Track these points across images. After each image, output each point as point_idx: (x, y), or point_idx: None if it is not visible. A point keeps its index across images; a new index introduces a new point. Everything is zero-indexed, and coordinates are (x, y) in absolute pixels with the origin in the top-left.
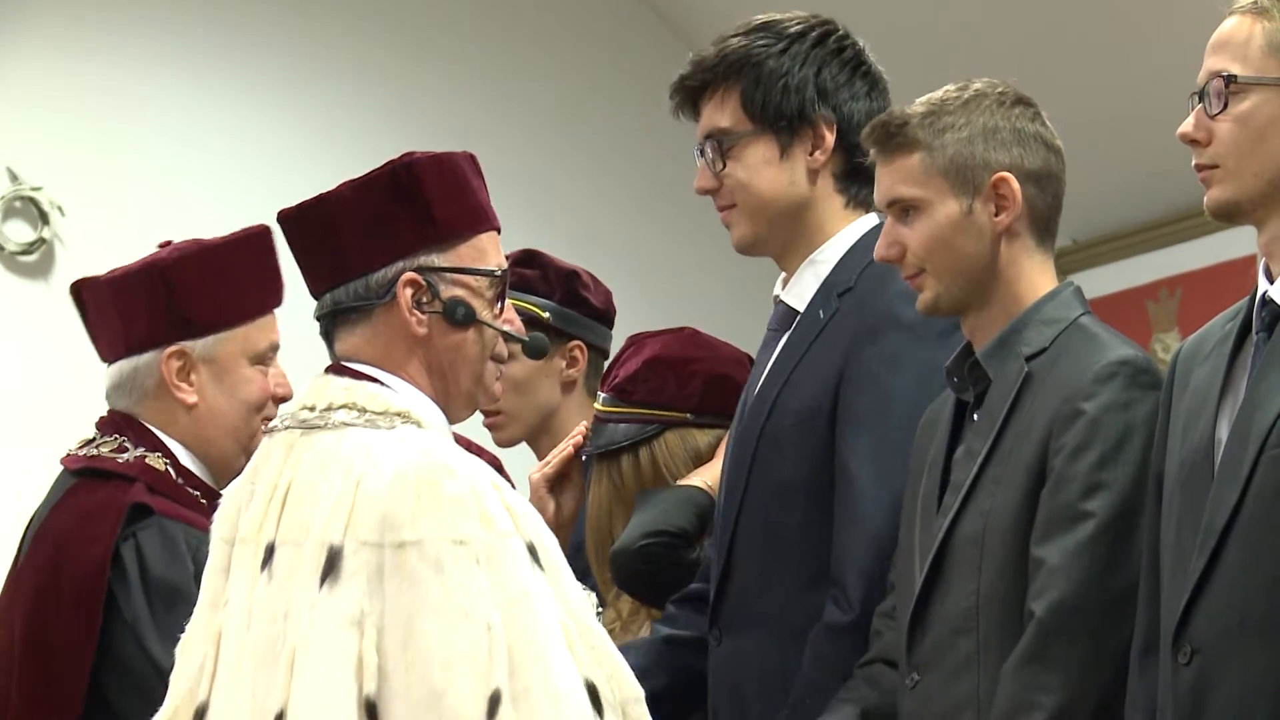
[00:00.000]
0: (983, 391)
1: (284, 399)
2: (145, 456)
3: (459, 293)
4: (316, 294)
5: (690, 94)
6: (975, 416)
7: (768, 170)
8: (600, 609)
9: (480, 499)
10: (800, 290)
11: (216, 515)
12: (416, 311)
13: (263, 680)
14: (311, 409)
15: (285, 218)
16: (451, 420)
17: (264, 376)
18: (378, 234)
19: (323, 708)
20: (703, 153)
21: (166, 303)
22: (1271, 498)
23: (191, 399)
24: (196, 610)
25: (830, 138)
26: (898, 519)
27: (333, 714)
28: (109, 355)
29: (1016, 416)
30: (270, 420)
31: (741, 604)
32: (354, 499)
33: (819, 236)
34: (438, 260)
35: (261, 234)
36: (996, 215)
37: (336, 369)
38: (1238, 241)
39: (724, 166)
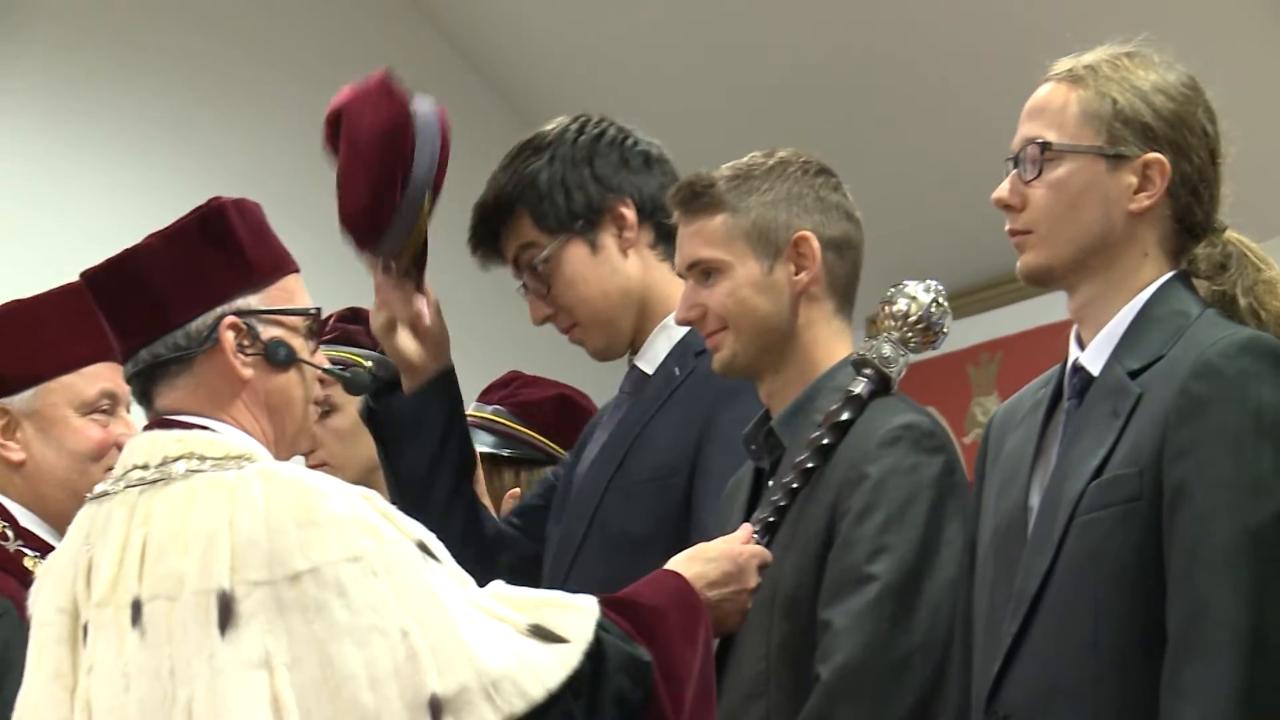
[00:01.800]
0: (778, 459)
1: None
2: None
3: (278, 333)
4: (129, 351)
5: (490, 242)
6: (770, 484)
7: (588, 271)
8: None
9: (359, 513)
10: (653, 355)
11: (39, 591)
12: (240, 355)
13: None
14: (144, 467)
15: (92, 276)
16: None
17: (100, 426)
18: (193, 281)
19: None
20: (526, 287)
21: None
22: (1082, 564)
23: (18, 456)
24: (30, 685)
25: (631, 214)
26: None
27: None
28: None
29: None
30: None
31: None
32: (231, 541)
33: (662, 308)
34: (254, 303)
35: (83, 286)
36: (796, 274)
37: (161, 424)
38: (1057, 306)
39: (550, 288)
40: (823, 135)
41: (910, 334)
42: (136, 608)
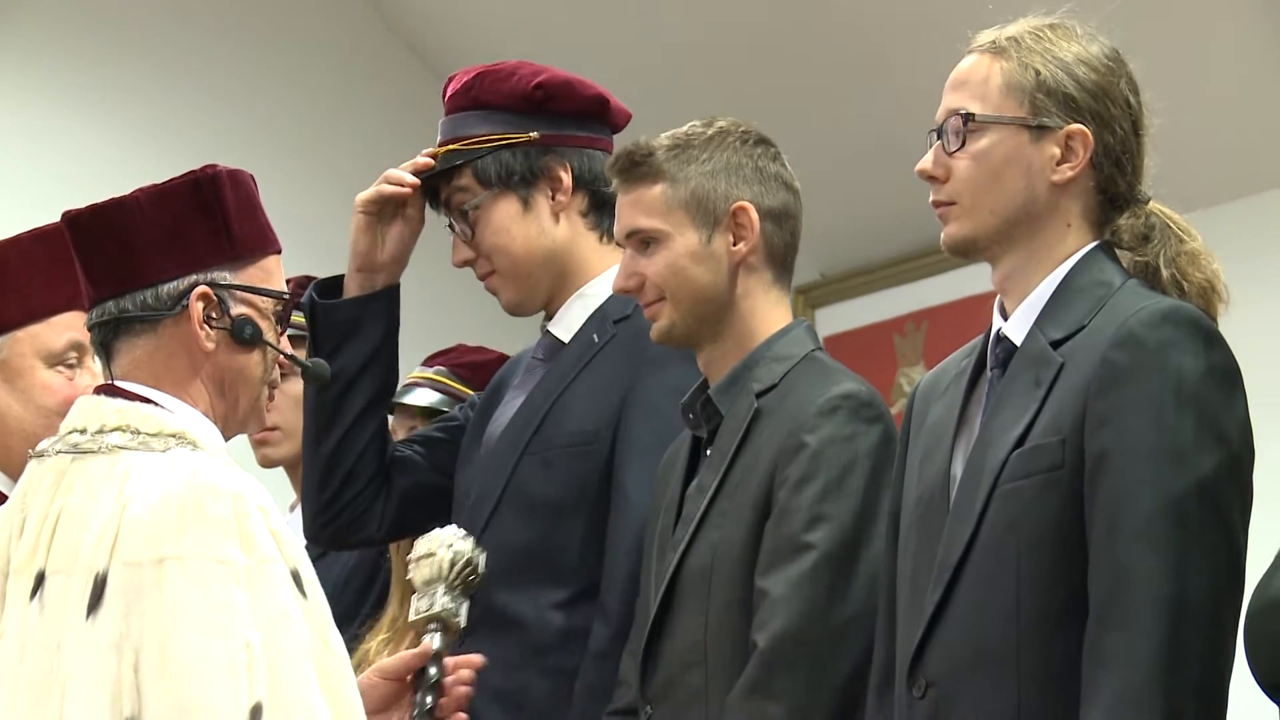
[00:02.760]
0: (715, 428)
1: None
2: None
3: (247, 311)
4: (96, 300)
5: (433, 189)
6: (708, 452)
7: (515, 226)
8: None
9: (243, 521)
10: (568, 322)
11: None
12: (206, 326)
13: (37, 716)
14: (83, 432)
15: (74, 219)
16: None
17: (66, 380)
18: (173, 244)
19: None
20: (452, 228)
21: None
22: (1003, 533)
23: None
24: None
25: (567, 179)
26: None
27: None
28: None
29: (745, 451)
30: None
31: (487, 612)
32: (119, 523)
33: (582, 275)
34: (229, 277)
35: (52, 232)
36: (734, 245)
37: (109, 390)
38: (982, 276)
39: (474, 234)
40: (751, 103)
41: (458, 581)
42: (40, 579)
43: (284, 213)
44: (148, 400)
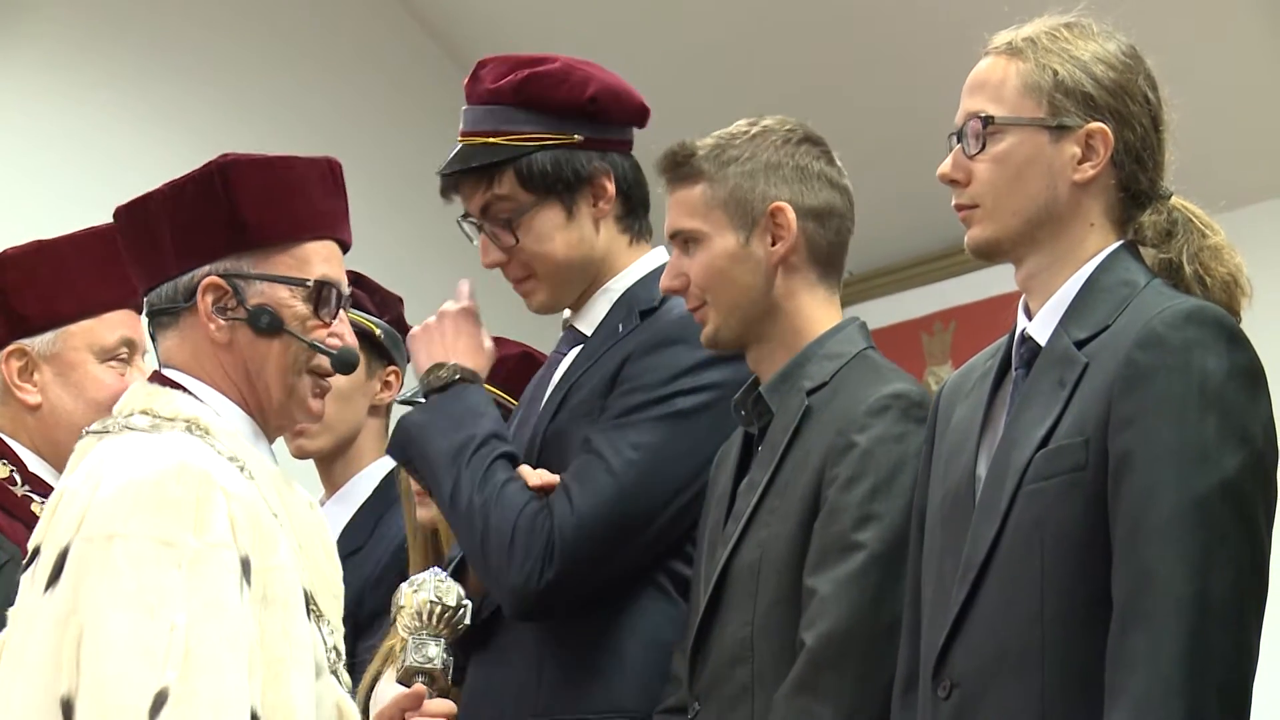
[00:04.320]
0: (766, 424)
1: None
2: None
3: (266, 300)
4: (144, 294)
5: (463, 181)
6: (759, 449)
7: (559, 234)
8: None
9: (201, 505)
10: (592, 316)
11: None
12: (216, 318)
13: (3, 688)
14: (120, 415)
15: (116, 214)
16: (270, 434)
17: (118, 375)
18: (186, 236)
19: (19, 713)
20: (481, 229)
21: (2, 303)
22: (1028, 533)
23: (34, 399)
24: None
25: (611, 186)
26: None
27: (28, 715)
28: None
29: (795, 448)
30: None
31: None
32: (90, 501)
33: (608, 275)
34: (247, 266)
35: (107, 231)
36: (773, 245)
37: (154, 376)
38: (1011, 276)
39: (516, 240)
40: (776, 102)
41: (442, 626)
42: (35, 554)
43: None
44: (179, 386)
